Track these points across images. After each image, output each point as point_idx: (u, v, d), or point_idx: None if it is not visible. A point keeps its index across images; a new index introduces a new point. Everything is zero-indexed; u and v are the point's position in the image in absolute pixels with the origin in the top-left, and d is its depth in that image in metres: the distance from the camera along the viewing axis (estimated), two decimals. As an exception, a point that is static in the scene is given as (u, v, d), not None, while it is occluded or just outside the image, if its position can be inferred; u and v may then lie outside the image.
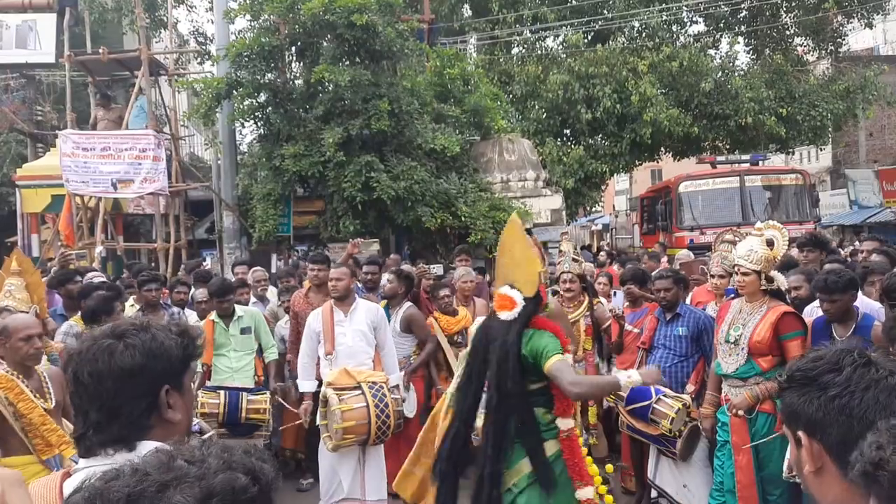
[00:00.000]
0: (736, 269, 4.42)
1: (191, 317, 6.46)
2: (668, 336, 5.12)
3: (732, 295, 4.84)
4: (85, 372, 1.52)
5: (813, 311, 4.70)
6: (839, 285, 4.15)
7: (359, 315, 5.37)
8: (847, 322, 4.27)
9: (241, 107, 11.53)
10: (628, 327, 5.72)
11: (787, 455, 3.54)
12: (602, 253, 15.72)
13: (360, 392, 4.85)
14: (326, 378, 5.01)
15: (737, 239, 5.38)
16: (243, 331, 5.96)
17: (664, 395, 4.77)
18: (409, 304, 6.23)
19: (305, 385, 5.52)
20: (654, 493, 5.27)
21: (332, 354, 5.24)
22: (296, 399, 5.82)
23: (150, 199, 12.14)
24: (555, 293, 5.72)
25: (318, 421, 5.01)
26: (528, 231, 14.11)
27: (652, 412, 4.77)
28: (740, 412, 4.21)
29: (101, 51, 12.12)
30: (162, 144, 11.36)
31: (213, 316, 5.98)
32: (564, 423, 3.46)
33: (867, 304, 4.70)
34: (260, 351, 6.13)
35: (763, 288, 4.31)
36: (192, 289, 7.28)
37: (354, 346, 5.25)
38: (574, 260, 5.96)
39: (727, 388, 4.45)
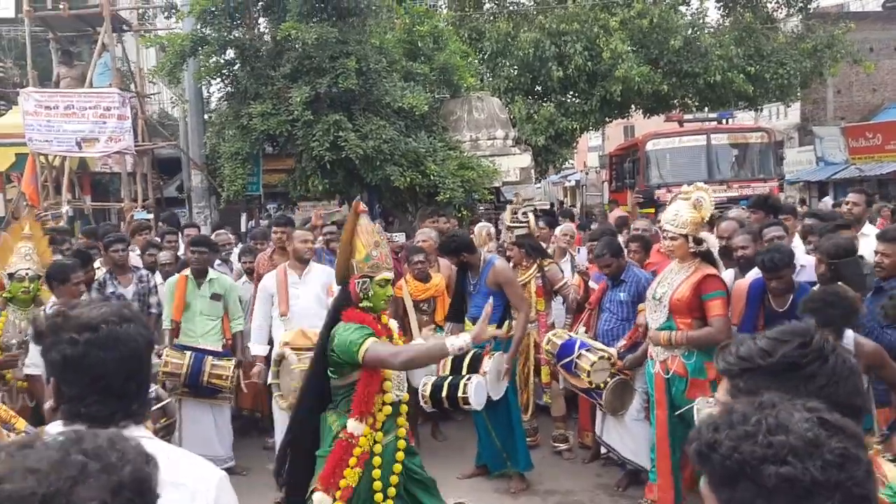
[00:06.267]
0: (664, 234, 4.44)
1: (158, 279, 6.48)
2: (612, 300, 5.26)
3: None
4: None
5: (758, 272, 4.83)
6: (783, 261, 4.14)
7: (313, 277, 5.47)
8: (786, 294, 4.24)
9: (208, 65, 11.38)
10: (592, 284, 5.69)
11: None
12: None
13: None
14: (282, 338, 5.03)
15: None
16: (213, 296, 5.79)
17: (587, 350, 4.91)
18: None
19: (258, 348, 5.55)
20: (603, 450, 5.43)
21: (286, 315, 5.33)
22: (249, 362, 5.72)
23: (116, 157, 12.01)
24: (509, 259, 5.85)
25: (270, 379, 5.02)
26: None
27: (575, 366, 4.93)
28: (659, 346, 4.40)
29: (61, 6, 11.84)
30: (127, 103, 11.19)
31: (186, 272, 5.83)
32: (354, 427, 3.22)
33: (810, 260, 4.75)
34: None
35: (692, 250, 4.32)
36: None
37: (309, 309, 5.32)
38: (510, 227, 5.98)
39: (651, 345, 4.59)
